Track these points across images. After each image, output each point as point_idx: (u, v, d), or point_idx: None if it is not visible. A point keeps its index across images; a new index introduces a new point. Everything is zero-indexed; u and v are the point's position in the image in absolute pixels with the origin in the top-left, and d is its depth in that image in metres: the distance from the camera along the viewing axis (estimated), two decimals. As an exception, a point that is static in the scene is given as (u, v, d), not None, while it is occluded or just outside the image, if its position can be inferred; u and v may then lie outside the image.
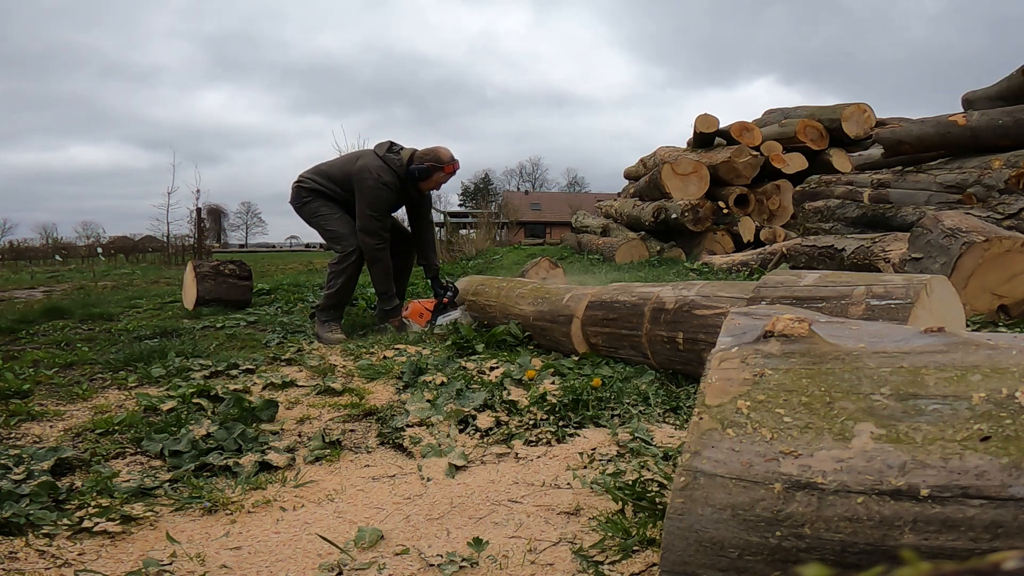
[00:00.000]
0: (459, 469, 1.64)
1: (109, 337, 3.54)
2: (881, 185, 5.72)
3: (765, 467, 0.76)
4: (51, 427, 1.99)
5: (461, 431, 1.90)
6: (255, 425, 1.94)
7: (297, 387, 2.43)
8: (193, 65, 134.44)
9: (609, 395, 2.10)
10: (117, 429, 1.92)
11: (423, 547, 1.23)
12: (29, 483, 1.45)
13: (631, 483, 1.39)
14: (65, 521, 1.33)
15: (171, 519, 1.39)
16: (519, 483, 1.53)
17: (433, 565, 1.16)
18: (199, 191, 14.14)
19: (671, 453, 1.61)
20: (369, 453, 1.80)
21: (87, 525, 1.32)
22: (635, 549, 1.16)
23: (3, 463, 1.56)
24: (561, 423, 1.91)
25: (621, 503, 1.32)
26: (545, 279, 4.73)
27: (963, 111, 5.69)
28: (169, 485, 1.55)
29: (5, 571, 1.15)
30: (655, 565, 1.11)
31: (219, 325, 3.86)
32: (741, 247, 7.36)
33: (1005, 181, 4.44)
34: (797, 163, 8.29)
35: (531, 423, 1.91)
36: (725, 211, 7.66)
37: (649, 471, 1.50)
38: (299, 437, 1.90)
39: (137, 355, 2.84)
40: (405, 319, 3.71)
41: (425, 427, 1.93)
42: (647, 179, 8.70)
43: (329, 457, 1.74)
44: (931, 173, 5.33)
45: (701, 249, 7.38)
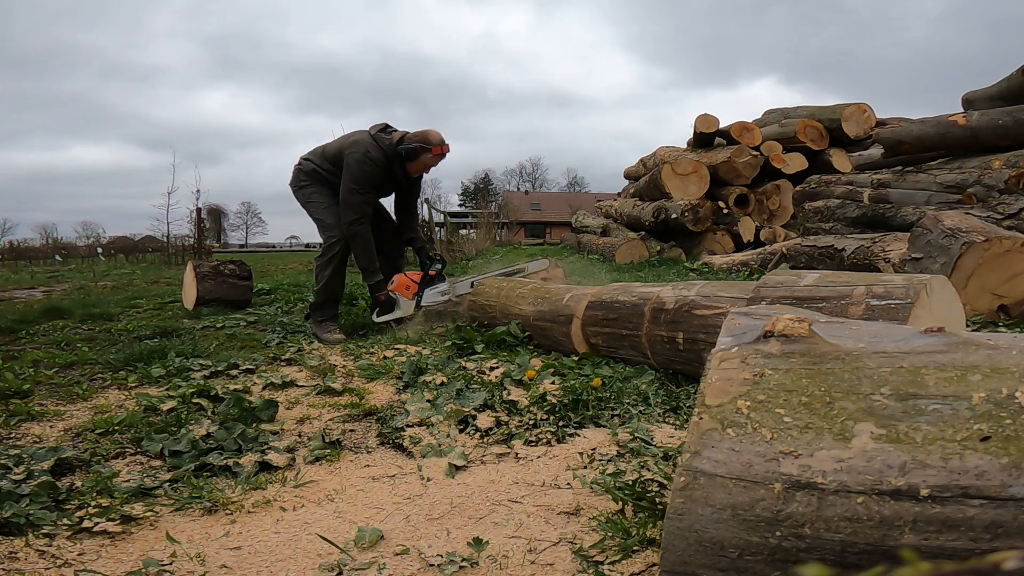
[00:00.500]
0: (459, 469, 1.64)
1: (109, 337, 3.54)
2: (881, 185, 5.72)
3: (765, 467, 0.76)
4: (51, 427, 1.99)
5: (461, 431, 1.90)
6: (255, 425, 1.94)
7: (297, 387, 2.43)
8: (194, 65, 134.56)
9: (609, 395, 2.10)
10: (117, 429, 1.92)
11: (423, 547, 1.23)
12: (29, 483, 1.45)
13: (631, 483, 1.39)
14: (65, 521, 1.33)
15: (171, 519, 1.39)
16: (519, 483, 1.53)
17: (433, 565, 1.16)
18: (199, 191, 14.13)
19: (671, 453, 1.61)
20: (369, 453, 1.80)
21: (87, 525, 1.32)
22: (635, 549, 1.16)
23: (3, 463, 1.56)
24: (561, 423, 1.91)
25: (621, 503, 1.32)
26: (545, 279, 4.73)
27: (963, 111, 5.68)
28: (169, 485, 1.55)
29: (5, 571, 1.15)
30: (655, 565, 1.11)
31: (219, 325, 3.86)
32: (741, 247, 7.36)
33: (1005, 181, 4.44)
34: (797, 163, 8.29)
35: (531, 423, 1.91)
36: (725, 211, 7.66)
37: (649, 471, 1.50)
38: (299, 437, 1.90)
39: (137, 355, 2.84)
40: (391, 292, 3.62)
41: (425, 427, 1.93)
42: (647, 179, 8.71)
43: (329, 457, 1.74)
44: (931, 173, 5.33)
45: (701, 249, 7.38)
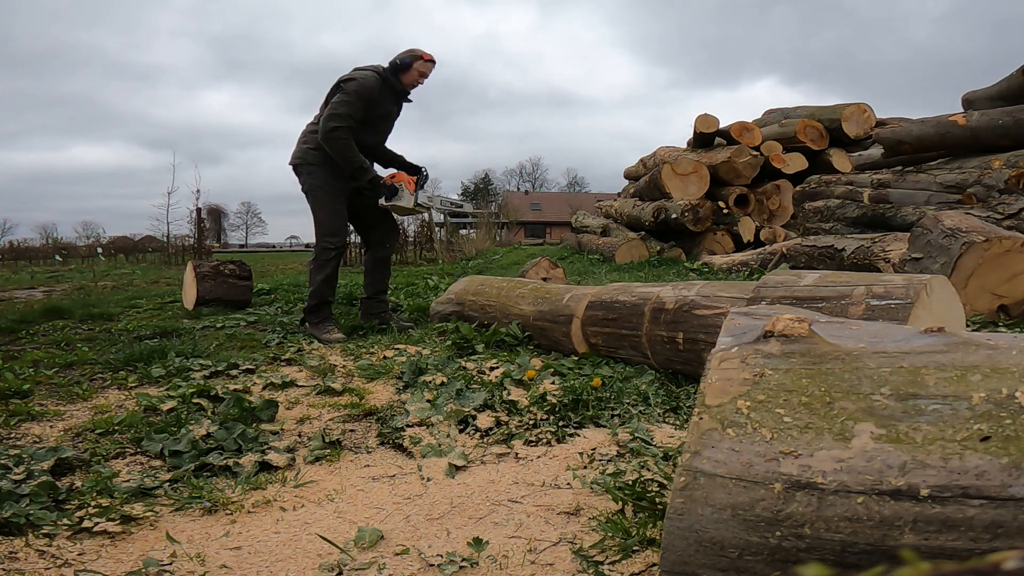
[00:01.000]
0: (459, 469, 1.64)
1: (109, 337, 3.54)
2: (881, 185, 5.72)
3: (765, 467, 0.76)
4: (51, 427, 1.99)
5: (461, 431, 1.90)
6: (255, 425, 1.94)
7: (297, 387, 2.43)
8: (196, 65, 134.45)
9: (609, 395, 2.10)
10: (117, 429, 1.92)
11: (423, 547, 1.23)
12: (29, 483, 1.45)
13: (631, 483, 1.39)
14: (65, 521, 1.33)
15: (171, 519, 1.39)
16: (519, 483, 1.53)
17: (433, 565, 1.16)
18: (199, 191, 14.12)
19: (671, 453, 1.61)
20: (369, 453, 1.80)
21: (87, 525, 1.32)
22: (635, 549, 1.16)
23: (3, 463, 1.56)
24: (561, 423, 1.91)
25: (621, 503, 1.32)
26: (545, 279, 4.73)
27: (963, 111, 5.68)
28: (169, 485, 1.55)
29: (5, 571, 1.15)
30: (655, 565, 1.11)
31: (219, 325, 3.86)
32: (741, 247, 7.36)
33: (1005, 181, 4.44)
34: (797, 163, 8.28)
35: (531, 423, 1.91)
36: (725, 211, 7.66)
37: (649, 471, 1.50)
38: (299, 437, 1.90)
39: (137, 355, 2.83)
40: (396, 184, 3.61)
41: (425, 427, 1.93)
42: (647, 179, 8.70)
43: (329, 457, 1.74)
44: (931, 173, 5.33)
45: (701, 249, 7.37)
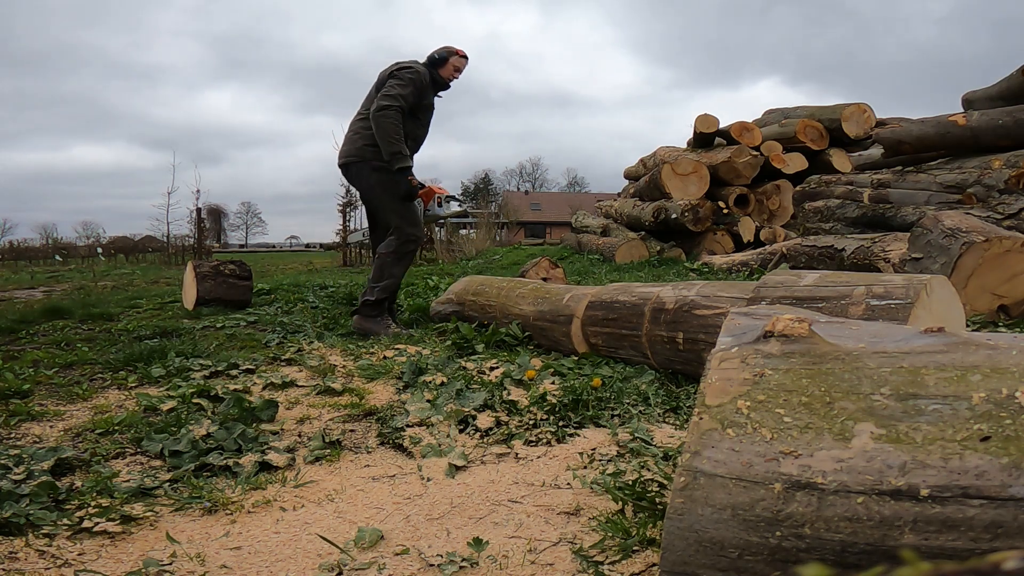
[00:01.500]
0: (459, 469, 1.64)
1: (109, 337, 3.54)
2: (881, 185, 5.72)
3: (765, 467, 0.76)
4: (51, 427, 1.99)
5: (461, 431, 1.90)
6: (255, 425, 1.94)
7: (297, 387, 2.43)
8: (198, 65, 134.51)
9: (609, 395, 2.10)
10: (117, 429, 1.92)
11: (423, 547, 1.23)
12: (29, 483, 1.45)
13: (631, 483, 1.39)
14: (65, 521, 1.33)
15: (171, 519, 1.39)
16: (519, 483, 1.53)
17: (433, 565, 1.16)
18: (199, 191, 14.16)
19: (671, 453, 1.61)
20: (369, 453, 1.80)
21: (87, 525, 1.32)
22: (635, 549, 1.16)
23: (3, 463, 1.56)
24: (561, 423, 1.91)
25: (621, 503, 1.32)
26: (545, 279, 4.73)
27: (963, 111, 5.68)
28: (169, 485, 1.55)
29: (5, 571, 1.15)
30: (655, 565, 1.11)
31: (219, 325, 3.86)
32: (741, 247, 7.35)
33: (1005, 181, 4.44)
34: (797, 163, 8.28)
35: (531, 423, 1.91)
36: (725, 211, 7.66)
37: (649, 471, 1.50)
38: (299, 437, 1.90)
39: (137, 355, 2.83)
40: (433, 186, 3.72)
41: (425, 427, 1.93)
42: (647, 179, 8.70)
43: (329, 457, 1.74)
44: (931, 173, 5.33)
45: (701, 249, 7.37)
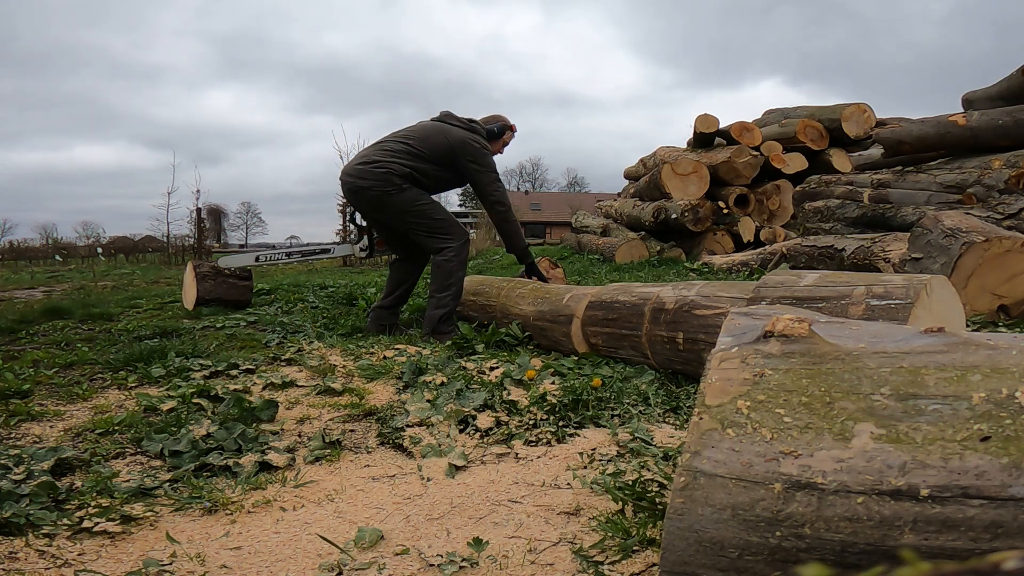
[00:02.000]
0: (459, 469, 1.64)
1: (109, 337, 3.54)
2: (881, 185, 5.72)
3: (765, 467, 0.76)
4: (51, 427, 1.99)
5: (461, 431, 1.90)
6: (255, 425, 1.94)
7: (297, 387, 2.43)
8: (199, 65, 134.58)
9: (609, 395, 2.10)
10: (117, 429, 1.92)
11: (423, 547, 1.23)
12: (29, 483, 1.45)
13: (631, 483, 1.39)
14: (65, 521, 1.33)
15: (171, 519, 1.39)
16: (519, 483, 1.53)
17: (433, 565, 1.16)
18: (199, 191, 14.17)
19: (671, 453, 1.61)
20: (369, 453, 1.80)
21: (87, 525, 1.32)
22: (635, 549, 1.16)
23: (3, 463, 1.56)
24: (561, 423, 1.91)
25: (621, 503, 1.32)
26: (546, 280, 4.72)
27: (963, 111, 5.68)
28: (169, 485, 1.55)
29: (5, 571, 1.15)
30: (655, 565, 1.11)
31: (219, 325, 3.86)
32: (741, 247, 7.35)
33: (1005, 181, 4.44)
34: (797, 163, 8.28)
35: (531, 423, 1.91)
36: (725, 211, 7.65)
37: (649, 471, 1.50)
38: (299, 437, 1.90)
39: (137, 355, 2.83)
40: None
41: (425, 427, 1.93)
42: (647, 179, 8.70)
43: (329, 457, 1.74)
44: (931, 173, 5.33)
45: (701, 249, 7.37)
